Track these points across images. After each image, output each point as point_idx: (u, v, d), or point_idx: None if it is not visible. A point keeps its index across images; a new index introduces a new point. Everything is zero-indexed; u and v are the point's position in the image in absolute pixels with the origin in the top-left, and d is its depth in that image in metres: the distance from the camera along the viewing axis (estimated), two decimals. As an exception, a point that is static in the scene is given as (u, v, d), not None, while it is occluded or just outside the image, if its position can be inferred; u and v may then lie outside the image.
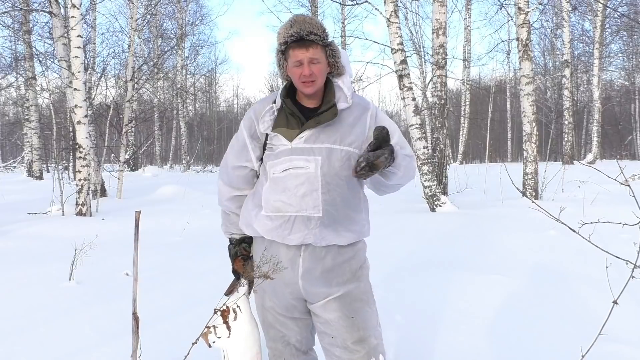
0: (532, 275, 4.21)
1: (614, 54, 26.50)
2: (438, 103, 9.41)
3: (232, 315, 1.54)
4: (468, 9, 23.21)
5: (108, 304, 3.61)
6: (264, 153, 1.76)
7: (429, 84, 10.39)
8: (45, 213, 8.34)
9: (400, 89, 8.62)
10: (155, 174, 19.85)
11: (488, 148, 20.48)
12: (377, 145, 1.57)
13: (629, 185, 1.49)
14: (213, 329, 1.51)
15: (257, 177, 1.83)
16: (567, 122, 19.21)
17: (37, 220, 7.56)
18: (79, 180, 8.30)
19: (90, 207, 8.34)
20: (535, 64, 28.02)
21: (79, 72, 8.35)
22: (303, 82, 1.66)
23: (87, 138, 8.47)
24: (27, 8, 13.76)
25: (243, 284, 1.76)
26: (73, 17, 8.34)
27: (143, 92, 19.63)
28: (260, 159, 1.79)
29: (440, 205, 8.36)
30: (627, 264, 1.48)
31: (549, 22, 25.61)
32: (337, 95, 1.72)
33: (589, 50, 24.18)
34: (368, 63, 10.52)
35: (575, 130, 22.19)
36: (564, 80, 19.21)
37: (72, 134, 11.85)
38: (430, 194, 8.45)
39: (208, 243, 5.71)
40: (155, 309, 3.39)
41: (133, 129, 16.36)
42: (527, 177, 9.42)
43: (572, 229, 1.53)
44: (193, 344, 1.41)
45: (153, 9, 18.36)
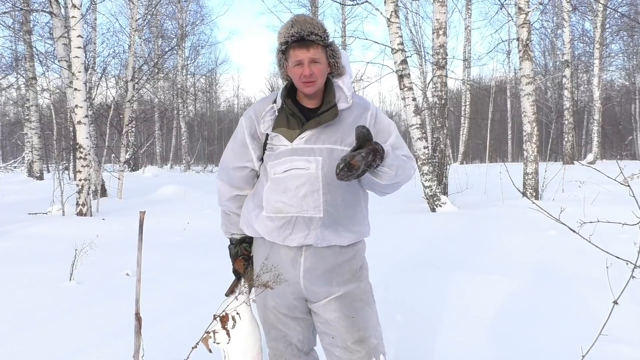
0: (532, 275, 4.20)
1: (615, 54, 26.52)
2: (438, 103, 9.41)
3: (230, 323, 1.53)
4: (468, 9, 23.22)
5: (108, 304, 3.62)
6: (264, 153, 1.76)
7: (429, 84, 10.39)
8: (46, 213, 8.34)
9: (401, 89, 8.61)
10: (156, 174, 19.83)
11: (488, 148, 20.44)
12: (359, 145, 1.51)
13: (629, 186, 1.49)
14: (213, 334, 1.50)
15: (257, 177, 1.82)
16: (567, 122, 19.21)
17: (37, 220, 7.56)
18: (80, 181, 8.30)
19: (91, 207, 8.34)
20: (536, 64, 28.02)
21: (80, 72, 8.36)
22: (303, 82, 1.66)
23: (87, 138, 8.48)
24: (27, 8, 13.75)
25: (243, 292, 1.75)
26: (73, 17, 8.35)
27: (143, 92, 19.62)
28: (261, 159, 1.78)
29: (441, 206, 8.36)
30: (627, 264, 1.48)
31: (550, 22, 25.58)
32: (337, 96, 1.72)
33: (589, 50, 24.18)
34: (368, 63, 10.52)
35: (576, 130, 22.18)
36: (565, 81, 19.21)
37: (72, 134, 11.85)
38: (431, 194, 8.45)
39: (208, 243, 5.71)
40: (156, 309, 3.39)
41: (133, 129, 16.36)
42: (527, 177, 9.42)
43: (572, 229, 1.53)
44: (193, 349, 1.41)
45: (153, 9, 18.39)
